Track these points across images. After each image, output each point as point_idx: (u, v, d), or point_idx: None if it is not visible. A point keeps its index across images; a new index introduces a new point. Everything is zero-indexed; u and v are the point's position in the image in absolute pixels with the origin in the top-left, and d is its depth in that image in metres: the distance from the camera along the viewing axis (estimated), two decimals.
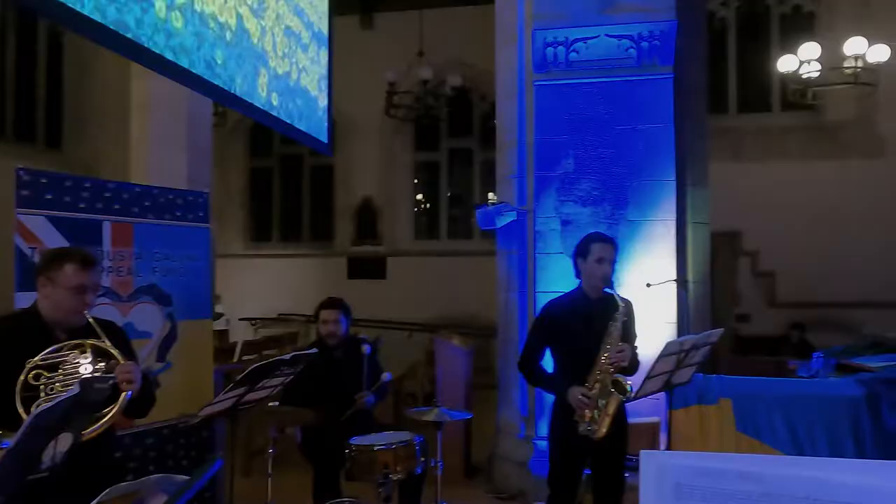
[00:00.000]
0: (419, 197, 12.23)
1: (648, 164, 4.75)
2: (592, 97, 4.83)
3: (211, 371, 4.03)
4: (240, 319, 11.29)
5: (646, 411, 3.84)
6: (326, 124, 4.87)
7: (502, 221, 5.01)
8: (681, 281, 4.55)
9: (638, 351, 3.19)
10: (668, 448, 3.56)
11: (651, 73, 4.73)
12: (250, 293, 11.44)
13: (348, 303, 4.09)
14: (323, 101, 4.83)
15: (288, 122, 4.26)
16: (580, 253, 3.14)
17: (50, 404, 1.54)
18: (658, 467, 0.73)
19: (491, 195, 11.41)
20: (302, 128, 4.42)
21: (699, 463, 0.73)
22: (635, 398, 3.04)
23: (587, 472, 3.22)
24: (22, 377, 2.05)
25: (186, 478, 0.81)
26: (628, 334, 3.10)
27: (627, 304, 3.13)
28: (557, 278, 4.84)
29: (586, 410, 2.94)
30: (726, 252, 9.27)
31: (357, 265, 11.61)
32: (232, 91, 3.56)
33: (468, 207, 11.94)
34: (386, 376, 3.91)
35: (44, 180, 3.24)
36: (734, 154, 9.25)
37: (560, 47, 4.87)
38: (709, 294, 5.28)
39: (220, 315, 9.52)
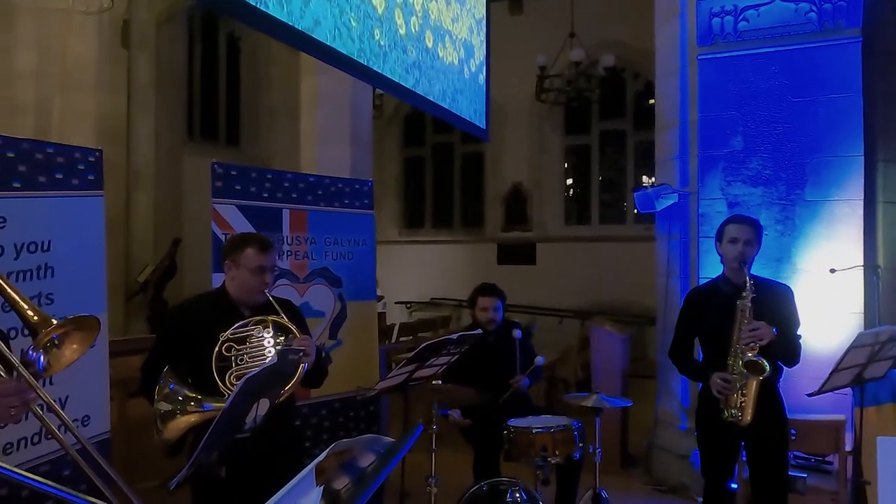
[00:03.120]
0: (569, 182, 12.04)
1: (831, 139, 4.33)
2: (765, 68, 4.48)
3: (376, 349, 4.27)
4: (395, 303, 11.80)
5: (828, 408, 3.52)
6: (484, 110, 4.95)
7: (663, 204, 4.80)
8: (870, 266, 4.11)
9: (801, 340, 2.99)
10: (855, 450, 3.25)
11: (835, 37, 4.29)
12: (405, 278, 11.92)
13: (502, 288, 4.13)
14: (481, 88, 4.91)
15: (449, 109, 4.38)
16: (717, 237, 3.06)
17: (254, 371, 1.71)
18: None
19: (645, 178, 11.02)
20: (462, 114, 4.53)
21: None
22: (818, 393, 2.81)
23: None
24: (216, 349, 2.30)
25: (392, 440, 0.87)
26: (781, 319, 2.88)
27: (777, 288, 3.00)
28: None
29: (729, 396, 2.81)
30: None
31: (507, 251, 11.69)
32: (399, 81, 3.72)
33: (620, 191, 11.57)
34: (539, 360, 3.91)
35: (233, 172, 3.59)
36: None
37: (728, 17, 4.56)
38: None
39: (379, 298, 10.02)
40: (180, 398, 2.00)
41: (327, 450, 0.80)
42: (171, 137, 9.33)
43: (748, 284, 2.82)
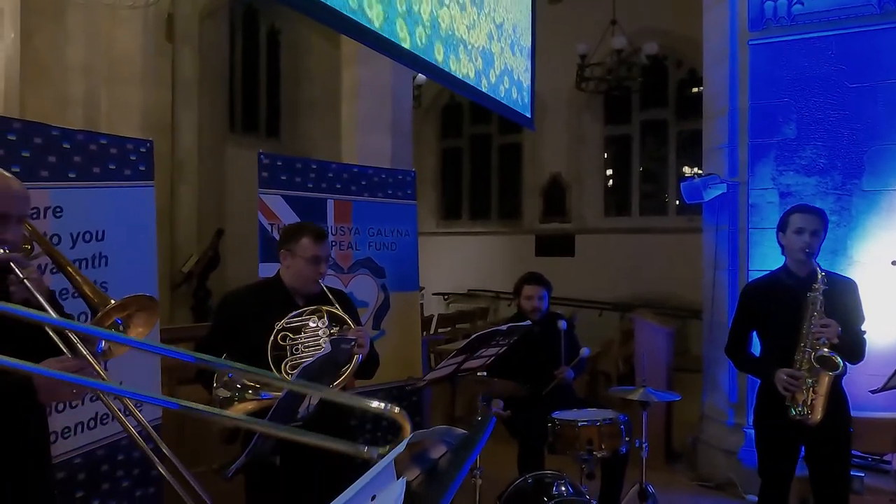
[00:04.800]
0: (609, 172, 11.87)
1: (890, 126, 4.17)
2: (820, 53, 4.32)
3: (419, 339, 4.27)
4: (433, 294, 11.82)
5: (889, 406, 3.39)
6: (530, 99, 4.89)
7: (711, 194, 4.68)
8: None
9: (866, 336, 2.86)
10: None
11: None
12: (442, 269, 11.91)
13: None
14: (526, 79, 4.84)
15: (497, 98, 4.33)
16: (780, 227, 2.94)
17: (309, 361, 1.71)
18: None
19: (687, 169, 10.79)
20: (508, 103, 4.48)
21: None
22: (882, 390, 2.71)
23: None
24: (271, 338, 2.31)
25: (464, 432, 0.85)
26: (846, 314, 2.77)
27: (841, 282, 2.86)
28: (775, 255, 4.39)
29: (797, 393, 2.69)
30: None
31: (545, 242, 11.59)
32: (448, 70, 3.68)
33: (662, 182, 11.36)
34: (584, 352, 3.86)
35: (279, 163, 3.61)
36: None
37: (781, 0, 4.41)
38: None
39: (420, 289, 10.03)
40: (239, 386, 2.02)
41: (405, 440, 0.78)
42: (214, 129, 9.47)
43: (820, 276, 2.71)
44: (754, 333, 3.05)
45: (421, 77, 9.31)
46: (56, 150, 2.66)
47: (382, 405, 0.92)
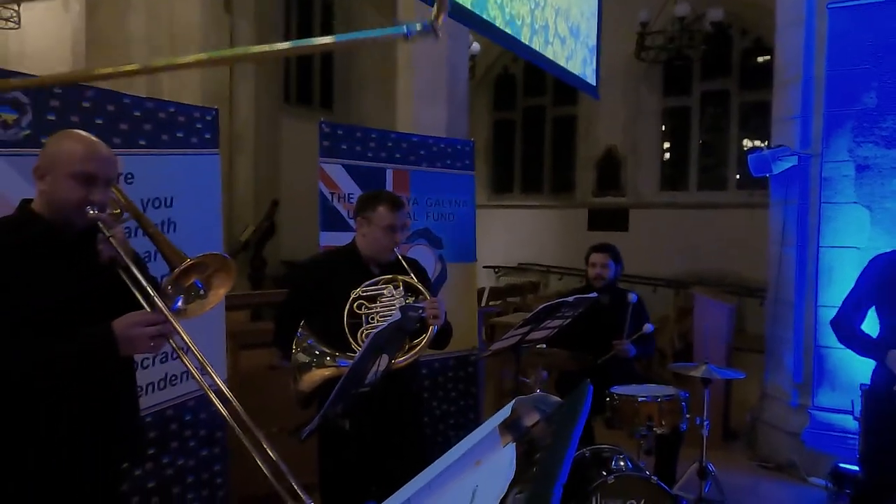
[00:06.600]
0: (666, 145, 11.53)
1: None
2: None
3: (475, 311, 4.25)
4: (483, 267, 11.78)
5: None
6: (594, 67, 4.77)
7: (780, 167, 4.49)
8: None
9: None
10: None
11: None
12: (492, 242, 11.82)
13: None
14: (592, 44, 4.73)
15: (562, 66, 4.24)
16: None
17: (380, 327, 1.71)
18: None
19: (747, 141, 10.38)
20: (574, 70, 4.37)
21: None
22: None
23: None
24: (347, 306, 2.32)
25: (560, 400, 0.83)
26: None
27: None
28: (848, 231, 4.25)
29: None
30: None
31: (598, 217, 11.38)
32: (512, 34, 3.60)
33: (721, 156, 10.98)
34: (648, 327, 3.76)
35: (340, 132, 3.62)
36: None
37: None
38: None
39: None
40: (317, 353, 2.04)
41: (510, 404, 0.76)
42: (270, 101, 9.57)
43: None
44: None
45: (475, 47, 9.17)
46: (128, 118, 2.72)
47: None
